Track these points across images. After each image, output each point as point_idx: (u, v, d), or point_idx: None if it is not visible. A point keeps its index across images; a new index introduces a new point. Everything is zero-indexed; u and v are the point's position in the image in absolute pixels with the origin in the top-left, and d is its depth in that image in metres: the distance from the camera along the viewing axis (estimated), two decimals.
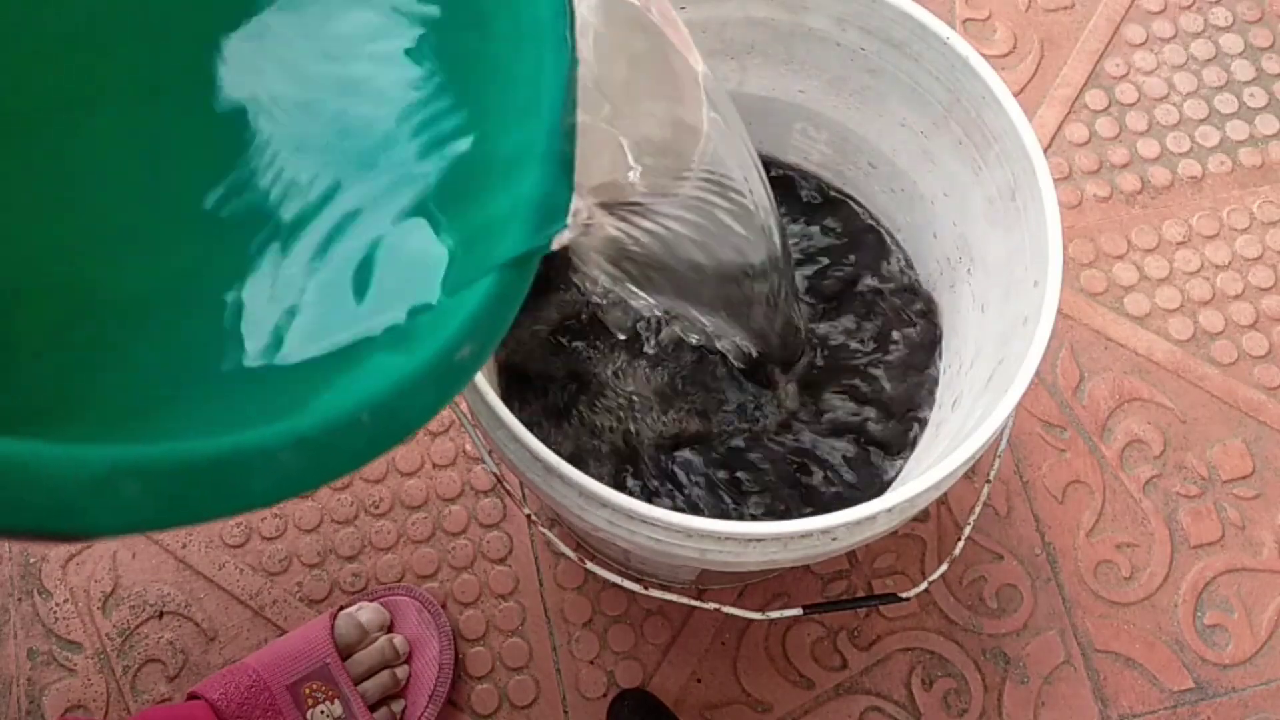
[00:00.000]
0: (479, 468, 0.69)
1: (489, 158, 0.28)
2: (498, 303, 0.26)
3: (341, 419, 0.23)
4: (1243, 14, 0.83)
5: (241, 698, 0.57)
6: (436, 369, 0.25)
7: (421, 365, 0.24)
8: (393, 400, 0.24)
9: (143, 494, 0.19)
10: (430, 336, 0.25)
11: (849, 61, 0.52)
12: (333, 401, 0.23)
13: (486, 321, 0.26)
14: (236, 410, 0.25)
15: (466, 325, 0.25)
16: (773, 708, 0.64)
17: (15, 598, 0.66)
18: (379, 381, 0.24)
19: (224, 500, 0.21)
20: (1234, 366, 0.73)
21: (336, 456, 0.23)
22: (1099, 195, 0.78)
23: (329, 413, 0.23)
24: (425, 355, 0.25)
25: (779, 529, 0.39)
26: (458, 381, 0.26)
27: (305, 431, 0.22)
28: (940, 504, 0.69)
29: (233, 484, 0.21)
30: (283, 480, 0.22)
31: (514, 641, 0.66)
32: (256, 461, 0.21)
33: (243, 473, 0.21)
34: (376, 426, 0.23)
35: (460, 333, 0.25)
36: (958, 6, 0.83)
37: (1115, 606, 0.67)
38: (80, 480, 0.18)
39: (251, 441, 0.21)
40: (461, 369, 0.25)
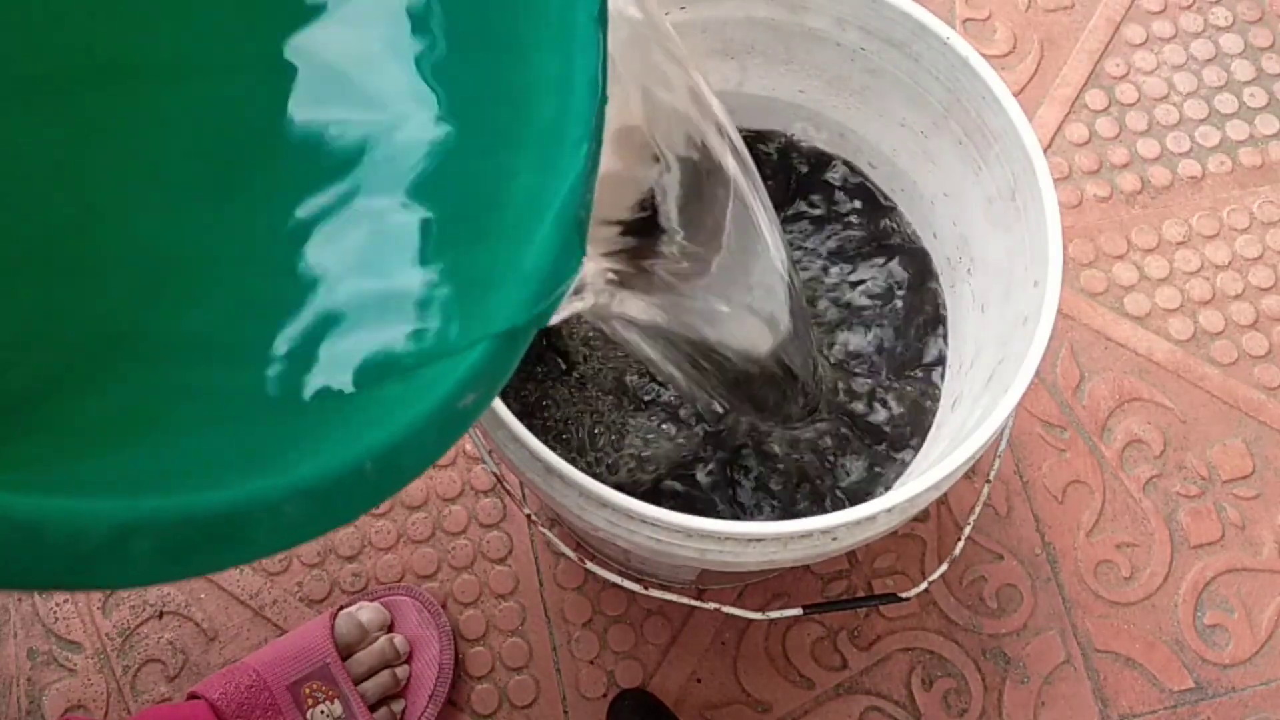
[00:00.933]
0: (479, 468, 0.69)
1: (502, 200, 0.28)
2: (505, 350, 0.26)
3: (345, 469, 0.23)
4: (1243, 14, 0.83)
5: (241, 698, 0.57)
6: (440, 416, 0.24)
7: (425, 412, 0.24)
8: (396, 448, 0.23)
9: (153, 550, 0.19)
10: (434, 383, 0.25)
11: (849, 61, 0.52)
12: (335, 451, 0.23)
13: (492, 369, 0.26)
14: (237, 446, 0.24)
15: (471, 373, 0.25)
16: (773, 708, 0.64)
17: (15, 598, 0.66)
18: (382, 430, 0.23)
19: (228, 553, 0.21)
20: (1234, 366, 0.73)
21: (339, 507, 0.23)
22: (1099, 195, 0.78)
23: (332, 463, 0.22)
24: (429, 402, 0.24)
25: (779, 529, 0.39)
26: (460, 429, 0.25)
27: (309, 483, 0.22)
28: (940, 504, 0.69)
29: (238, 537, 0.21)
30: (286, 532, 0.22)
31: (514, 641, 0.66)
32: (261, 515, 0.21)
33: (248, 526, 0.21)
34: (379, 476, 0.23)
35: (465, 380, 0.25)
36: (958, 6, 0.83)
37: (1115, 606, 0.67)
38: (91, 540, 0.18)
39: (257, 494, 0.21)
40: (464, 416, 0.25)
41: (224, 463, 0.23)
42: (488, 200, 0.28)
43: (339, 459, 0.23)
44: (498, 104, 0.29)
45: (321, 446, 0.23)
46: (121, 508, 0.19)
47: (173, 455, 0.24)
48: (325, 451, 0.23)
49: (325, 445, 0.24)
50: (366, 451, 0.23)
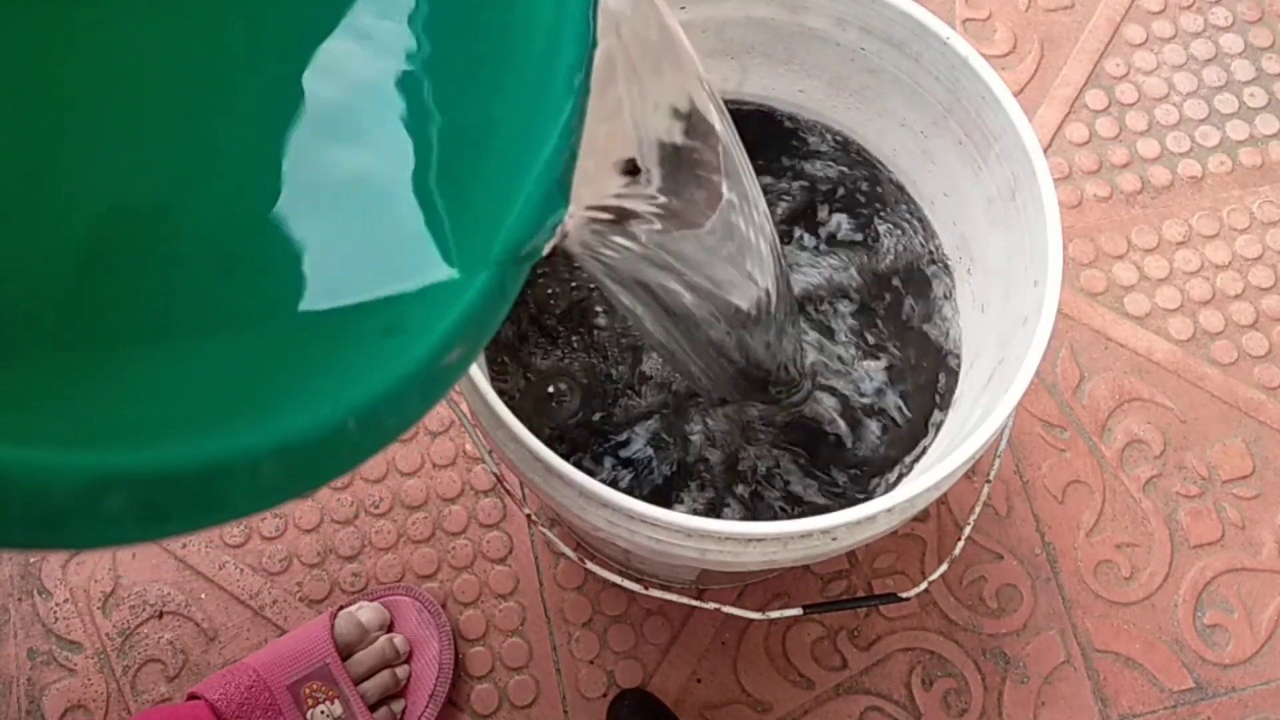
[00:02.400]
0: (479, 468, 0.69)
1: (494, 142, 0.27)
2: (491, 302, 0.25)
3: (328, 426, 0.22)
4: (1243, 14, 0.83)
5: (241, 698, 0.57)
6: (424, 373, 0.24)
7: (410, 368, 0.23)
8: (379, 406, 0.23)
9: (126, 508, 0.18)
10: (419, 337, 0.24)
11: (849, 61, 0.52)
12: (317, 408, 0.22)
13: (477, 321, 0.25)
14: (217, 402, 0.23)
15: (457, 325, 0.24)
16: (773, 708, 0.64)
17: (15, 598, 0.66)
18: (365, 386, 0.23)
19: (205, 513, 0.20)
20: (1234, 366, 0.73)
21: (320, 467, 0.22)
22: (1099, 195, 0.78)
23: (315, 420, 0.22)
24: (414, 357, 0.24)
25: (779, 529, 0.39)
26: (444, 386, 0.25)
27: (290, 441, 0.21)
28: (940, 504, 0.69)
29: (215, 496, 0.20)
30: (264, 491, 0.21)
31: (514, 641, 0.66)
32: (240, 472, 0.20)
33: (226, 484, 0.20)
34: (361, 434, 0.22)
35: (451, 333, 0.24)
36: (958, 6, 0.83)
37: (1115, 606, 0.67)
38: (61, 495, 0.17)
39: (236, 451, 0.20)
40: (449, 373, 0.25)
41: (203, 419, 0.23)
42: (476, 144, 0.28)
43: (321, 416, 0.22)
44: (487, 45, 0.29)
45: (303, 403, 0.23)
46: (94, 461, 0.18)
47: (149, 410, 0.23)
48: (307, 408, 0.22)
49: (307, 402, 0.23)
50: (349, 408, 0.22)
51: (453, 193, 0.27)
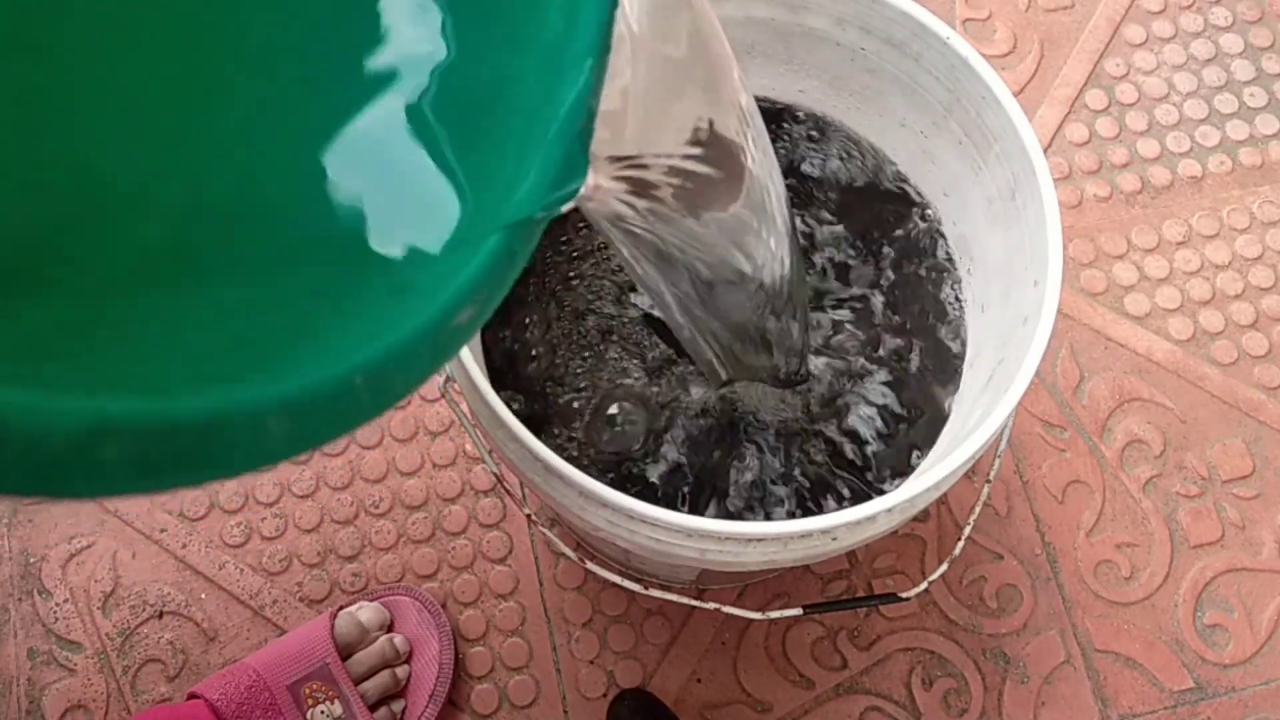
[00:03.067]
0: (479, 468, 0.69)
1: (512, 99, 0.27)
2: (503, 262, 0.25)
3: (334, 383, 0.21)
4: (1243, 14, 0.83)
5: (241, 698, 0.57)
6: (435, 332, 0.23)
7: (420, 327, 0.23)
8: (388, 364, 0.22)
9: (123, 459, 0.18)
10: (430, 295, 0.24)
11: (849, 61, 0.52)
12: (325, 364, 0.22)
13: (490, 282, 0.24)
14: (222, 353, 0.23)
15: (469, 285, 0.24)
16: (773, 708, 0.64)
17: (15, 598, 0.66)
18: (375, 343, 0.22)
19: (205, 468, 0.19)
20: (1234, 366, 0.73)
21: (323, 425, 0.21)
22: (1099, 195, 0.78)
23: (322, 376, 0.21)
24: (425, 316, 0.23)
25: (779, 529, 0.39)
26: (453, 347, 0.24)
27: (296, 396, 0.20)
28: (940, 504, 0.69)
29: (216, 450, 0.19)
30: (266, 447, 0.20)
31: (514, 641, 0.66)
32: (242, 426, 0.20)
33: (227, 438, 0.19)
34: (368, 393, 0.22)
35: (463, 292, 0.24)
36: (958, 6, 0.83)
37: (1115, 606, 0.67)
38: (55, 442, 0.17)
39: (240, 404, 0.20)
40: (459, 333, 0.24)
41: (206, 371, 0.22)
42: (493, 101, 0.27)
43: (329, 372, 0.21)
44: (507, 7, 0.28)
45: (310, 359, 0.22)
46: (92, 408, 0.17)
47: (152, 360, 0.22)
48: (314, 364, 0.22)
49: (314, 358, 0.22)
50: (358, 366, 0.22)
51: (468, 150, 0.27)
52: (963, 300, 0.54)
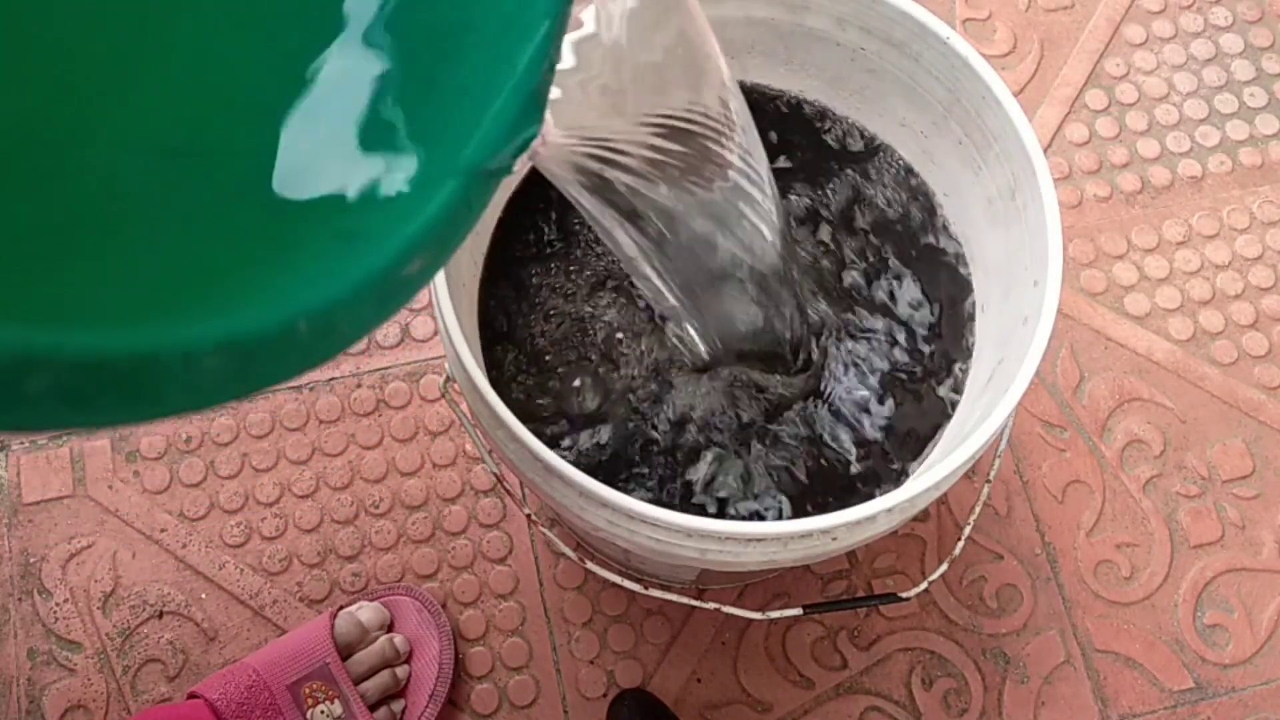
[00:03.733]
0: (479, 468, 0.69)
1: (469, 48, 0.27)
2: (455, 214, 0.25)
3: (277, 325, 0.21)
4: (1243, 14, 0.83)
5: (241, 698, 0.57)
6: (382, 281, 0.23)
7: (369, 273, 0.23)
8: (333, 310, 0.22)
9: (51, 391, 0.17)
10: (380, 242, 0.23)
11: (849, 61, 0.52)
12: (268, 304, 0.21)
13: (440, 234, 0.24)
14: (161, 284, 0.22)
15: (419, 235, 0.24)
16: (773, 708, 0.64)
17: (15, 598, 0.66)
18: (321, 288, 0.22)
19: (138, 406, 0.19)
20: (1234, 366, 0.73)
21: (263, 368, 0.21)
22: (1099, 195, 0.78)
23: (264, 317, 0.21)
24: (372, 265, 0.23)
25: (779, 529, 0.39)
26: (402, 298, 0.24)
27: (236, 336, 0.20)
28: (940, 504, 0.69)
29: (149, 389, 0.19)
30: (202, 389, 0.20)
31: (514, 641, 0.66)
32: (177, 365, 0.19)
33: (162, 377, 0.19)
34: (312, 338, 0.22)
35: (412, 243, 0.23)
36: (958, 6, 0.83)
37: (1115, 606, 0.67)
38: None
39: (176, 341, 0.19)
40: (408, 284, 0.24)
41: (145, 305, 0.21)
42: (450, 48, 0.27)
43: (271, 313, 0.21)
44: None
45: (254, 298, 0.22)
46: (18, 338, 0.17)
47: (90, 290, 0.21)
48: (257, 304, 0.21)
49: (258, 297, 0.22)
50: (302, 309, 0.21)
51: (423, 98, 0.26)
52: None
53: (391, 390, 0.71)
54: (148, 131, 0.24)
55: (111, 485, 0.69)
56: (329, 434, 0.70)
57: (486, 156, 0.25)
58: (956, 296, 0.53)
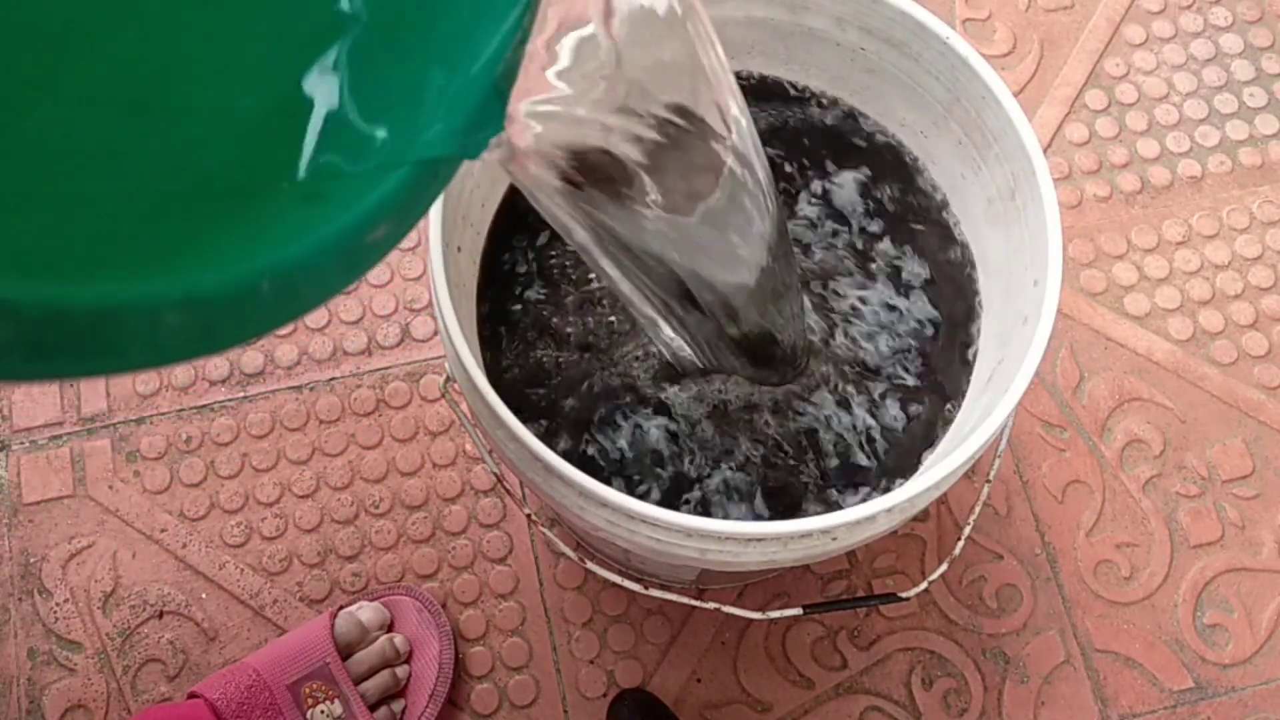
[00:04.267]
0: (479, 468, 0.69)
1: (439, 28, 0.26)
2: (421, 185, 0.25)
3: (238, 285, 0.21)
4: (1243, 14, 0.83)
5: (241, 697, 0.57)
6: (345, 245, 0.23)
7: (331, 237, 0.23)
8: (296, 271, 0.22)
9: (7, 341, 0.17)
10: (343, 208, 0.24)
11: (849, 61, 0.52)
12: (230, 264, 0.21)
13: (405, 202, 0.24)
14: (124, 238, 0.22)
15: (384, 202, 0.24)
16: (773, 707, 0.64)
17: (15, 598, 0.66)
18: (284, 249, 0.22)
19: (97, 360, 0.19)
20: (1234, 366, 0.73)
21: (224, 327, 0.21)
22: (1099, 195, 0.78)
23: (225, 276, 0.21)
24: (336, 228, 0.23)
25: (779, 529, 0.39)
26: (365, 263, 0.24)
27: (197, 294, 0.20)
28: (940, 504, 0.69)
29: (108, 343, 0.19)
30: (162, 345, 0.20)
31: (514, 641, 0.66)
32: (138, 320, 0.19)
33: (122, 331, 0.19)
34: (274, 298, 0.22)
35: (377, 209, 0.24)
36: (958, 6, 0.83)
37: (1115, 606, 0.67)
38: None
39: (137, 296, 0.19)
40: (371, 250, 0.24)
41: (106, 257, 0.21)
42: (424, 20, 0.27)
43: (233, 273, 0.21)
44: None
45: (217, 257, 0.22)
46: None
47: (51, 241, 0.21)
48: (219, 263, 0.21)
49: (221, 256, 0.22)
50: (264, 269, 0.21)
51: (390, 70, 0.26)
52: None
53: (391, 390, 0.71)
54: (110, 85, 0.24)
55: (112, 485, 0.69)
56: (329, 434, 0.70)
57: (442, 148, 0.25)
58: (957, 297, 0.53)
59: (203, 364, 0.72)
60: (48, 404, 0.71)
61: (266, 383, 0.71)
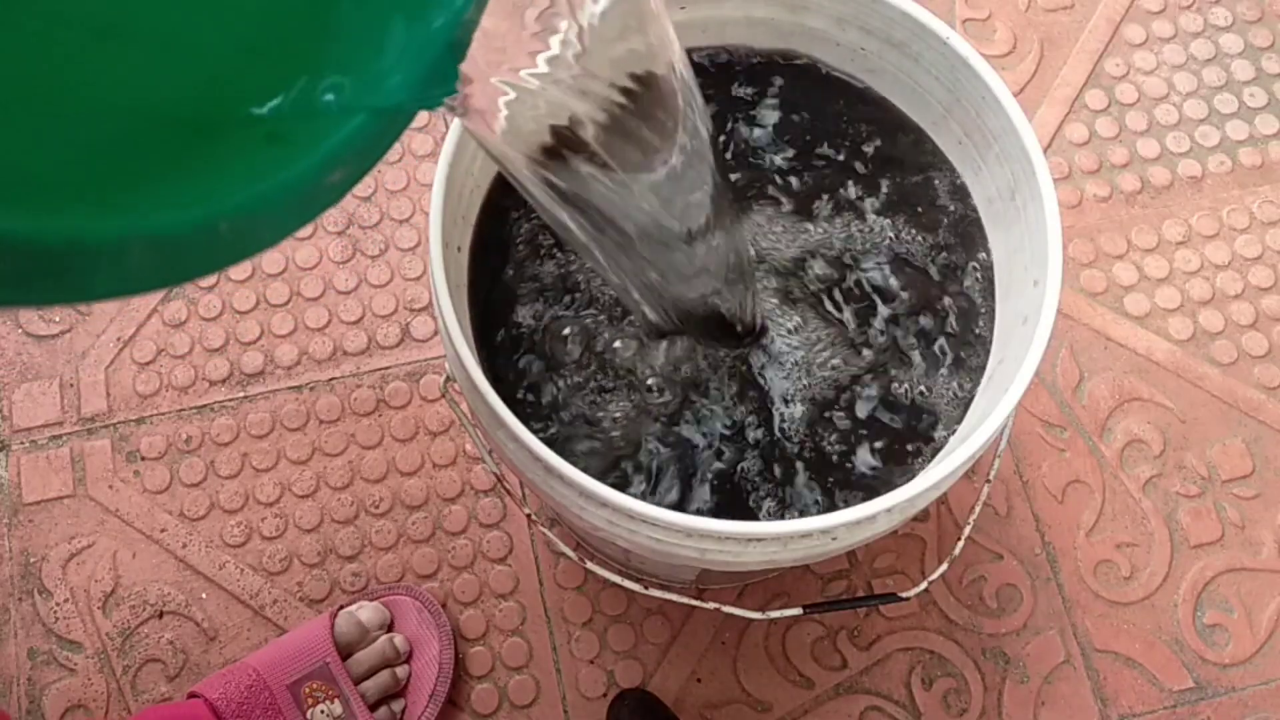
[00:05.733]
0: (479, 468, 0.69)
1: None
2: (381, 129, 0.26)
3: (198, 223, 0.22)
4: (1243, 14, 0.83)
5: (241, 697, 0.57)
6: (303, 187, 0.24)
7: (289, 180, 0.24)
8: (254, 210, 0.23)
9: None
10: (303, 150, 0.24)
11: (849, 61, 0.52)
12: (191, 203, 0.22)
13: (364, 146, 0.25)
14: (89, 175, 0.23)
15: (343, 146, 0.24)
16: (773, 707, 0.64)
17: (15, 598, 0.66)
18: (243, 190, 0.23)
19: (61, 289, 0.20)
20: (1234, 366, 0.73)
21: (185, 262, 0.22)
22: (1099, 195, 0.78)
23: (186, 215, 0.22)
24: (295, 170, 0.24)
25: (779, 529, 0.39)
26: (321, 205, 0.25)
27: (159, 231, 0.21)
28: (940, 504, 0.69)
29: (74, 275, 0.20)
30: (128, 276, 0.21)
31: (514, 641, 0.66)
32: (102, 255, 0.20)
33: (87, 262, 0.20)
34: (233, 236, 0.23)
35: (335, 152, 0.24)
36: (958, 6, 0.83)
37: (1115, 606, 0.67)
38: None
39: (101, 231, 0.20)
40: (329, 192, 0.25)
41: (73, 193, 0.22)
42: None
43: (193, 212, 0.22)
44: None
45: (178, 196, 0.23)
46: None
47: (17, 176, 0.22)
48: (181, 202, 0.22)
49: (182, 195, 0.23)
50: (224, 208, 0.22)
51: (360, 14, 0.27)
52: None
53: (391, 390, 0.71)
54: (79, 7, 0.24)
55: (112, 485, 0.69)
56: (329, 434, 0.70)
57: (398, 99, 0.26)
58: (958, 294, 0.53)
59: (203, 364, 0.72)
60: (48, 404, 0.71)
61: (266, 383, 0.71)
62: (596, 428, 0.51)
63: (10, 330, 0.73)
